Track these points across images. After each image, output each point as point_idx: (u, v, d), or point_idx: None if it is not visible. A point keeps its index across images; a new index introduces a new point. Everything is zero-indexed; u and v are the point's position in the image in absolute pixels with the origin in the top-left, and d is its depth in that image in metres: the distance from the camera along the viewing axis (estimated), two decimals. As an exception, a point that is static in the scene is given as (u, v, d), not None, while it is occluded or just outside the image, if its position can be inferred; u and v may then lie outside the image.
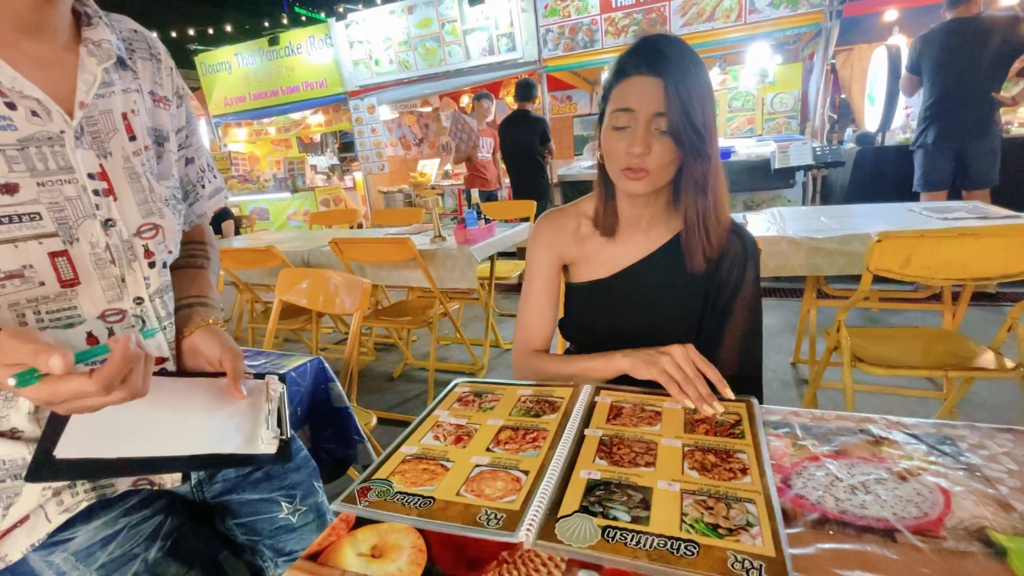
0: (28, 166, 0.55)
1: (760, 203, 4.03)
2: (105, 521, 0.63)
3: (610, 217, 0.90)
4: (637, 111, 0.76)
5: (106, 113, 0.62)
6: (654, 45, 0.76)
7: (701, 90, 0.75)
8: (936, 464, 0.54)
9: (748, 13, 3.95)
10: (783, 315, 2.99)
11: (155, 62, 0.71)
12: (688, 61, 0.75)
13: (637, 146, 0.76)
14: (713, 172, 0.80)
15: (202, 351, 0.70)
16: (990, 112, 2.71)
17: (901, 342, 1.59)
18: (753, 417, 0.67)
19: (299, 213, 6.17)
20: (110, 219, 0.61)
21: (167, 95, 0.72)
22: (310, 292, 1.45)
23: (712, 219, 0.82)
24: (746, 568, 0.43)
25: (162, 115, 0.71)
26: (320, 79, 5.59)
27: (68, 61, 0.59)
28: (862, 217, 1.96)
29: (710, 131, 0.76)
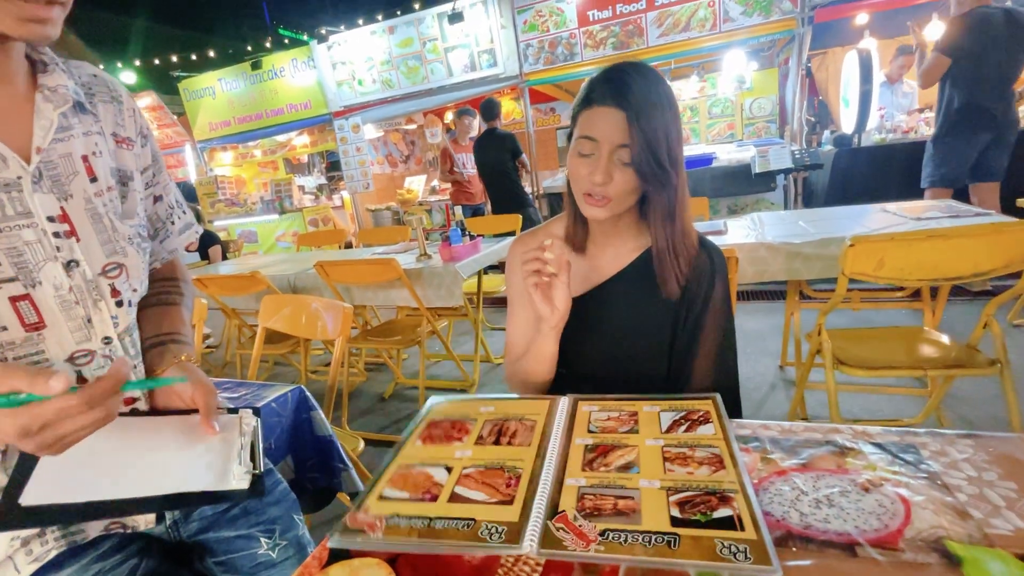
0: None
1: (743, 207, 4.09)
2: (76, 569, 0.63)
3: (580, 233, 0.91)
4: (600, 141, 0.77)
5: (66, 156, 0.63)
6: (621, 76, 0.76)
7: (666, 122, 0.75)
8: (898, 474, 0.55)
9: (723, 22, 4.04)
10: (769, 318, 3.01)
11: (116, 104, 0.72)
12: (654, 93, 0.76)
13: (598, 175, 0.77)
14: (680, 201, 0.81)
15: (174, 389, 0.70)
16: (1014, 104, 2.73)
17: (882, 342, 1.61)
18: (720, 412, 0.70)
19: (288, 234, 6.17)
20: (73, 260, 0.62)
21: (130, 136, 0.73)
22: (292, 318, 1.45)
23: (681, 245, 0.83)
24: (732, 552, 0.46)
25: (125, 155, 0.72)
26: (304, 101, 5.62)
27: (25, 108, 0.60)
28: (838, 220, 1.99)
29: (675, 161, 0.77)
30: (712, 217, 3.60)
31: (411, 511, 0.58)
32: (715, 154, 4.24)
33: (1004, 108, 2.70)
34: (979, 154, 2.77)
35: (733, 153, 4.25)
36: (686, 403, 0.74)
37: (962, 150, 2.79)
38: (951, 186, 2.86)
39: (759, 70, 5.14)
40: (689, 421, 0.69)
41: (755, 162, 3.62)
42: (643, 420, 0.71)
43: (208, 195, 6.40)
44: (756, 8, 3.92)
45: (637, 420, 0.71)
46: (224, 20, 13.04)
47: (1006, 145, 2.75)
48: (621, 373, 0.92)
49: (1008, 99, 2.72)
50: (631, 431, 0.69)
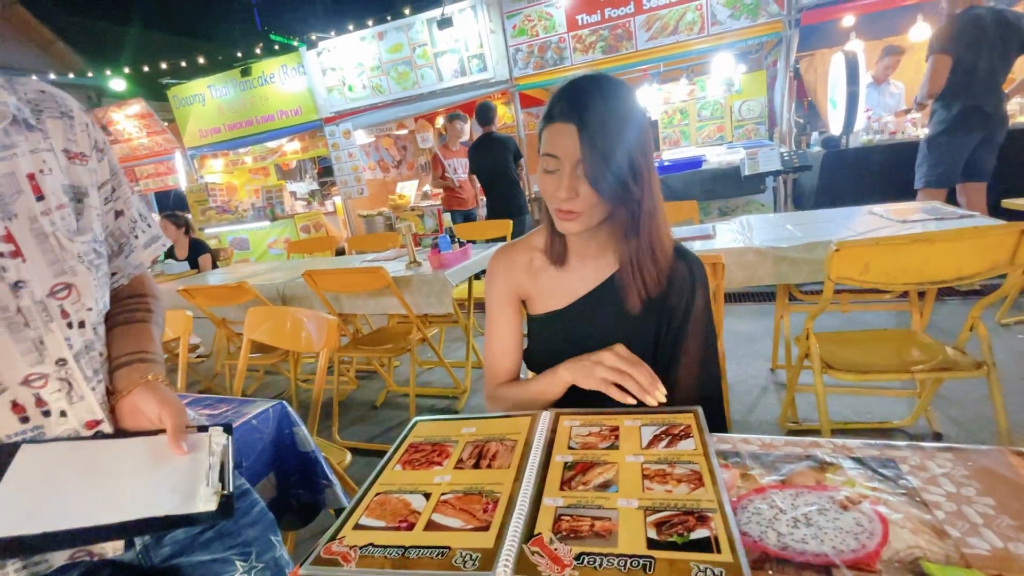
0: None
1: (734, 209, 4.10)
2: None
3: (559, 247, 0.91)
4: (561, 158, 0.76)
5: (8, 176, 0.62)
6: (576, 92, 0.76)
7: (624, 136, 0.74)
8: (877, 490, 0.54)
9: (711, 25, 4.06)
10: (760, 321, 3.02)
11: (67, 120, 0.70)
12: (612, 107, 0.74)
13: (563, 191, 0.77)
14: (646, 213, 0.80)
15: (141, 409, 0.69)
16: (1004, 103, 2.76)
17: (870, 345, 1.61)
18: (701, 427, 0.69)
19: (279, 241, 6.13)
20: (20, 280, 0.60)
21: (83, 151, 0.71)
22: (275, 331, 1.43)
23: (647, 261, 0.82)
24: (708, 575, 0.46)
25: (79, 171, 0.70)
26: (295, 107, 5.61)
27: None
28: (826, 223, 2.00)
29: (638, 175, 0.76)
30: (703, 219, 3.61)
31: (386, 540, 0.56)
32: (705, 157, 4.26)
33: (995, 107, 2.73)
34: (969, 154, 2.79)
35: (723, 155, 4.26)
36: (667, 416, 0.73)
37: (957, 149, 2.80)
38: (945, 186, 2.88)
39: (747, 72, 5.17)
40: (670, 436, 0.68)
41: (745, 164, 3.64)
42: (624, 435, 0.70)
43: (199, 202, 6.36)
44: (743, 11, 3.94)
45: (618, 435, 0.70)
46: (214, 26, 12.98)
47: (995, 145, 2.78)
48: None
49: (999, 98, 2.74)
50: (611, 447, 0.68)
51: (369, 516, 0.61)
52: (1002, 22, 2.65)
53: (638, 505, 0.56)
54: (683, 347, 0.87)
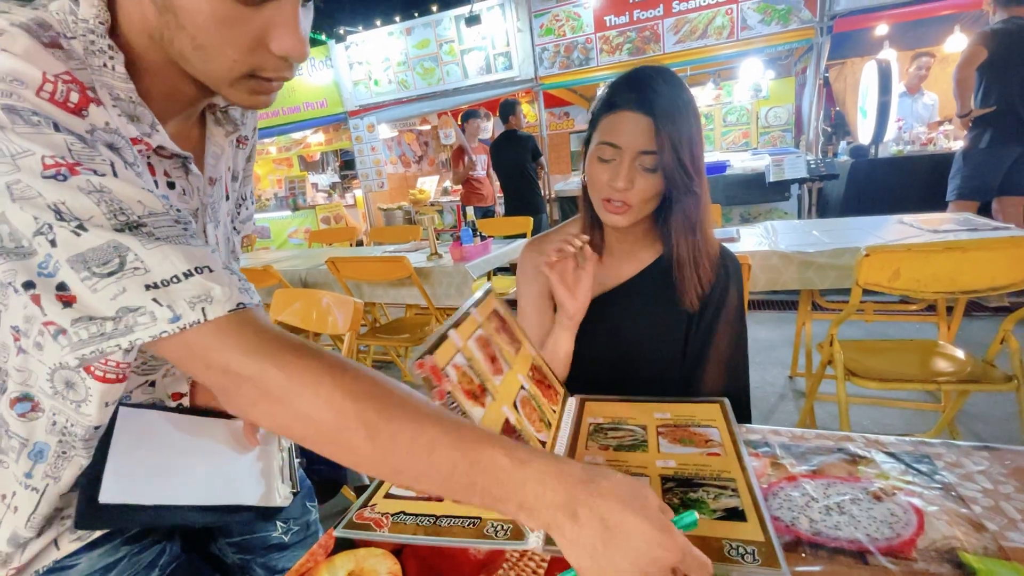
0: None
1: (756, 216, 4.06)
2: (107, 549, 0.63)
3: (596, 238, 0.91)
4: (623, 148, 0.76)
5: (218, 181, 0.59)
6: (646, 81, 0.75)
7: (691, 129, 0.75)
8: (912, 483, 0.54)
9: (740, 30, 4.02)
10: (780, 328, 2.98)
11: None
12: (679, 99, 0.75)
13: (620, 181, 0.76)
14: (703, 208, 0.80)
15: None
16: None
17: (895, 355, 1.59)
18: (728, 416, 0.69)
19: (300, 231, 6.22)
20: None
21: (247, 134, 0.66)
22: (303, 312, 1.46)
23: (703, 255, 0.82)
24: (741, 553, 0.46)
25: (240, 156, 0.67)
26: (321, 99, 5.68)
27: (195, 129, 0.57)
28: (854, 230, 1.97)
29: (699, 168, 0.77)
30: (725, 225, 3.58)
31: (417, 509, 0.58)
32: (729, 162, 4.22)
33: None
34: (1007, 167, 2.73)
35: (748, 161, 4.22)
36: (694, 407, 0.74)
37: (993, 163, 2.75)
38: (979, 199, 2.82)
39: (776, 79, 5.11)
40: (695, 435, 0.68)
41: (770, 171, 3.60)
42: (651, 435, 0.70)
43: (223, 190, 6.47)
44: (774, 17, 3.90)
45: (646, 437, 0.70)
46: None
47: None
48: (631, 377, 0.91)
49: None
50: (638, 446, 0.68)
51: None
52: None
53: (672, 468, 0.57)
54: (713, 343, 0.87)
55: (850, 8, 3.68)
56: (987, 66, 2.66)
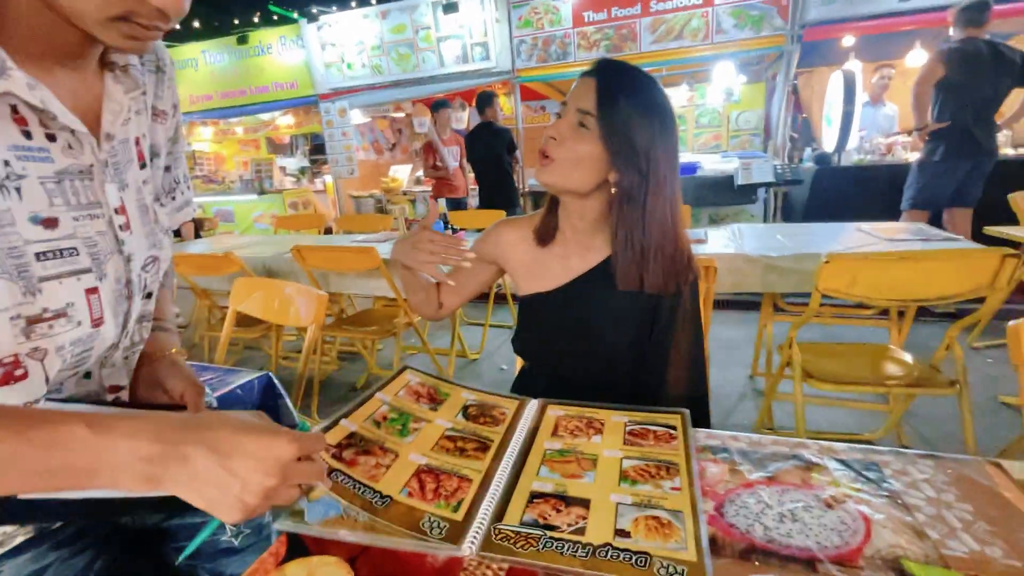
0: (64, 200, 0.51)
1: (724, 217, 4.15)
2: (34, 554, 0.59)
3: (547, 225, 0.92)
4: (568, 104, 0.80)
5: (124, 143, 0.58)
6: (613, 61, 0.80)
7: (643, 106, 0.77)
8: (861, 491, 0.56)
9: (715, 33, 4.08)
10: (743, 329, 3.06)
11: (159, 74, 0.65)
12: (640, 81, 0.78)
13: (551, 129, 0.80)
14: (652, 206, 0.79)
15: (164, 384, 0.67)
16: (995, 133, 2.83)
17: (849, 358, 1.65)
18: (687, 429, 0.70)
19: (266, 216, 6.03)
20: (131, 254, 0.58)
21: (165, 108, 0.67)
22: (264, 303, 1.41)
23: (654, 252, 0.81)
24: (670, 573, 0.46)
25: (158, 130, 0.66)
26: (291, 80, 5.49)
27: (94, 87, 0.55)
28: (815, 236, 2.03)
29: (647, 154, 0.77)
30: (694, 226, 3.65)
31: (360, 476, 0.58)
32: (700, 164, 4.30)
33: (986, 136, 2.81)
34: (958, 180, 2.87)
35: (718, 164, 4.31)
36: (654, 416, 0.74)
37: (946, 175, 2.88)
38: (931, 209, 2.97)
39: (747, 83, 5.22)
40: (655, 436, 0.69)
41: (738, 174, 3.68)
42: (608, 429, 0.71)
43: (184, 170, 6.21)
44: (748, 22, 3.97)
45: (602, 429, 0.71)
46: (211, -10, 12.59)
47: (983, 173, 2.86)
48: (588, 370, 0.92)
49: (990, 128, 2.82)
50: (593, 438, 0.69)
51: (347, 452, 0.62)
52: (997, 54, 2.72)
53: (608, 495, 0.57)
54: (673, 344, 0.87)
55: (820, 18, 3.79)
56: (944, 83, 2.79)
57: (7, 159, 0.46)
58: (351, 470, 0.58)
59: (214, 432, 0.44)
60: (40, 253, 0.49)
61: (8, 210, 0.46)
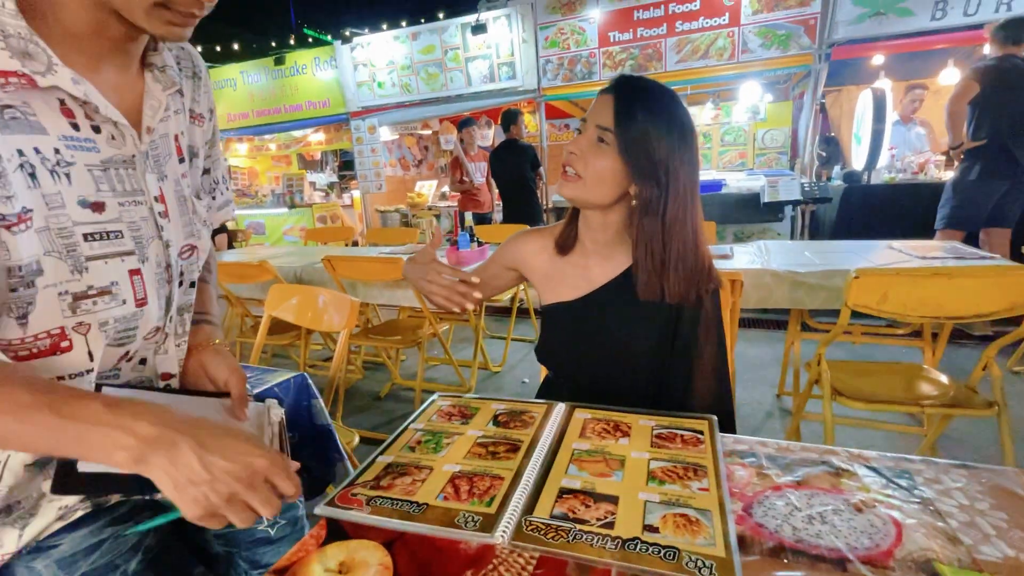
0: (111, 186, 0.56)
1: (750, 235, 4.11)
2: (92, 530, 0.63)
3: (568, 235, 0.94)
4: (588, 120, 0.82)
5: (164, 137, 0.64)
6: (630, 77, 0.82)
7: (659, 128, 0.78)
8: (891, 497, 0.56)
9: (741, 52, 4.10)
10: (770, 347, 3.01)
11: (195, 80, 0.71)
12: (656, 95, 0.80)
13: (572, 145, 0.82)
14: (671, 219, 0.81)
15: (209, 372, 0.72)
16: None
17: (881, 377, 1.61)
18: (713, 433, 0.70)
19: (295, 228, 6.21)
20: (169, 240, 0.63)
21: (203, 111, 0.73)
22: (299, 309, 1.46)
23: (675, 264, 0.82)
24: (698, 567, 0.47)
25: (196, 132, 0.72)
26: (323, 99, 5.69)
27: (136, 86, 0.60)
28: (844, 253, 2.01)
29: (664, 165, 0.79)
30: (719, 242, 3.63)
31: (396, 495, 0.60)
32: (725, 181, 4.28)
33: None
34: (995, 201, 2.80)
35: (743, 181, 4.29)
36: (681, 421, 0.75)
37: (982, 195, 2.81)
38: (966, 229, 2.88)
39: (774, 102, 5.21)
40: (682, 440, 0.70)
41: (764, 192, 3.65)
42: (635, 432, 0.72)
43: (220, 184, 6.46)
44: (775, 41, 3.98)
45: (629, 432, 0.72)
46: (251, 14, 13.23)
47: (1022, 192, 2.78)
48: (611, 378, 0.93)
49: None
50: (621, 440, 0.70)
51: (384, 475, 0.64)
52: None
53: (637, 493, 0.58)
54: (697, 354, 0.88)
55: (848, 37, 3.77)
56: (979, 101, 2.74)
57: (57, 147, 0.52)
58: (388, 492, 0.60)
59: (205, 430, 0.49)
60: (88, 234, 0.54)
61: (58, 193, 0.52)
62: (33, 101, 0.51)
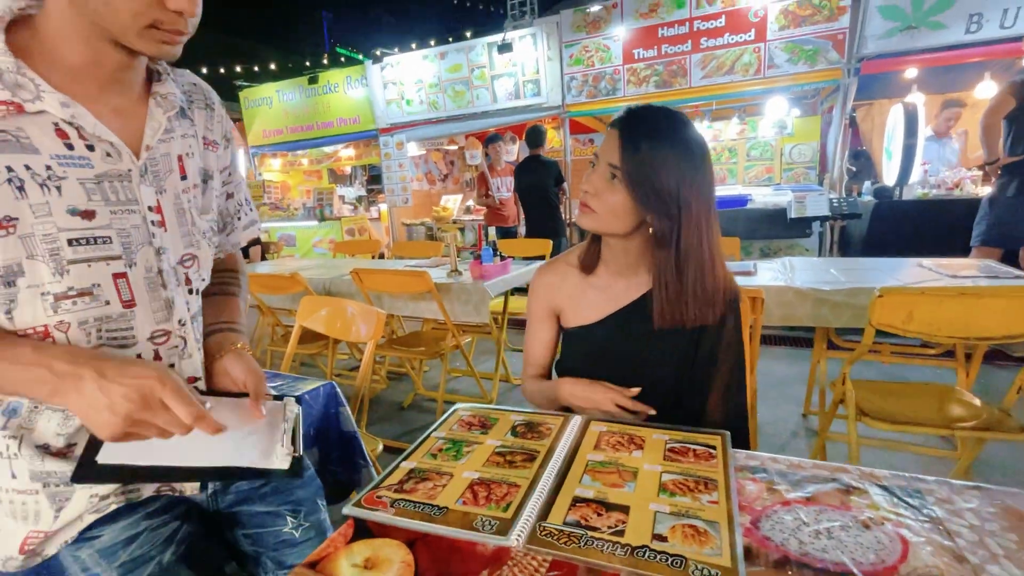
0: (103, 196, 0.64)
1: (777, 251, 4.06)
2: (129, 523, 0.69)
3: (591, 256, 0.97)
4: (600, 157, 0.85)
5: (165, 156, 0.71)
6: (637, 109, 0.84)
7: (666, 157, 0.80)
8: (901, 515, 0.57)
9: (767, 68, 4.08)
10: (795, 365, 2.96)
11: (209, 111, 0.80)
12: (664, 130, 0.81)
13: (585, 183, 0.86)
14: (686, 246, 0.83)
15: (230, 373, 0.77)
16: None
17: (909, 398, 1.58)
18: (726, 449, 0.72)
19: (324, 241, 6.39)
20: (162, 247, 0.70)
21: (216, 139, 0.81)
22: (328, 319, 1.53)
23: (693, 291, 0.84)
24: (704, 575, 0.49)
25: (210, 156, 0.80)
26: (354, 116, 5.89)
27: (139, 111, 0.68)
28: (872, 271, 1.98)
29: (676, 196, 0.80)
30: (743, 258, 3.59)
31: (418, 498, 0.63)
32: (751, 196, 4.25)
33: None
34: None
35: (769, 196, 4.24)
36: (694, 436, 0.76)
37: (1020, 211, 2.72)
38: (1003, 247, 2.79)
39: (801, 116, 5.15)
40: (694, 454, 0.72)
41: (791, 207, 3.61)
42: (649, 446, 0.74)
43: (255, 198, 6.71)
44: (802, 57, 3.96)
45: (643, 445, 0.74)
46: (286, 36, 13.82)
47: None
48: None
49: None
50: (634, 453, 0.72)
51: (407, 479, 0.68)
52: None
53: (647, 503, 0.60)
54: (713, 374, 0.90)
55: (879, 51, 3.72)
56: (1016, 115, 2.67)
57: (49, 164, 0.60)
58: (411, 496, 0.64)
59: (107, 362, 0.58)
60: (73, 239, 0.61)
61: (46, 203, 0.59)
62: (27, 126, 0.58)
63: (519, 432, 0.80)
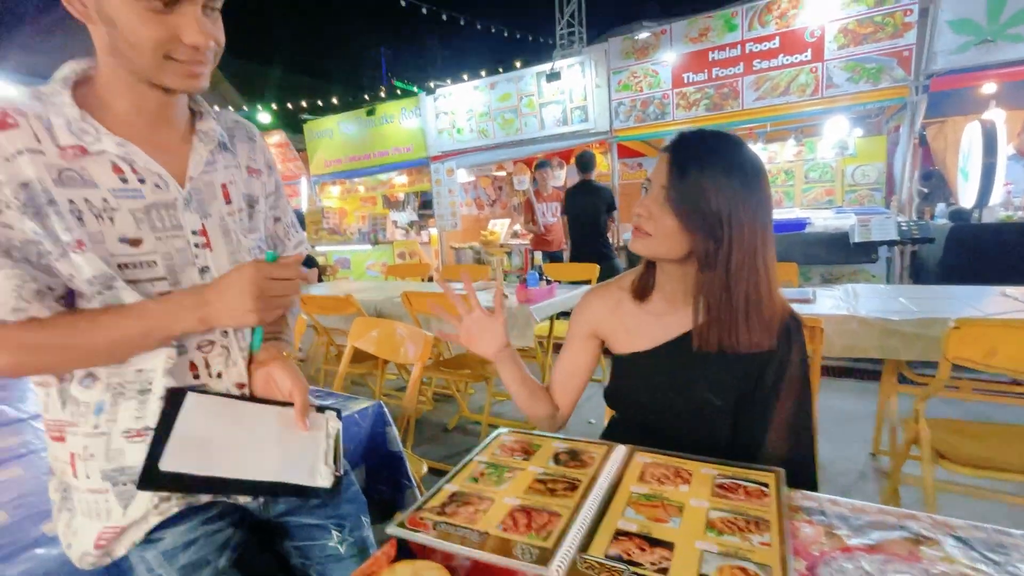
0: (150, 225, 0.72)
1: (839, 277, 3.84)
2: (188, 527, 0.74)
3: (645, 282, 0.95)
4: (652, 181, 0.85)
5: (209, 184, 0.79)
6: (689, 133, 0.85)
7: (718, 171, 0.79)
8: (980, 571, 0.52)
9: (825, 88, 3.95)
10: (861, 399, 2.76)
11: (251, 143, 0.89)
12: (715, 152, 0.81)
13: (639, 207, 0.86)
14: (736, 267, 0.81)
15: (275, 381, 0.82)
16: None
17: (994, 439, 1.44)
18: (780, 487, 0.68)
19: (377, 264, 6.64)
20: (206, 266, 0.77)
21: (259, 167, 0.89)
22: (379, 340, 1.58)
23: (738, 318, 0.82)
24: None
25: (254, 183, 0.88)
26: (407, 145, 6.16)
27: (184, 147, 0.77)
28: (947, 300, 1.84)
29: (728, 219, 0.79)
30: (802, 284, 3.42)
31: (460, 522, 0.64)
32: (810, 219, 4.06)
33: None
34: None
35: (830, 220, 4.04)
36: (747, 472, 0.73)
37: None
38: None
39: (864, 136, 4.92)
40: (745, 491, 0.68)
41: (855, 231, 3.43)
42: (696, 480, 0.71)
43: (314, 223, 7.10)
44: (864, 75, 3.80)
45: (689, 479, 0.72)
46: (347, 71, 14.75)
47: None
48: (683, 427, 0.91)
49: None
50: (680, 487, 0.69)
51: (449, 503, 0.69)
52: None
53: (694, 541, 0.58)
54: (775, 409, 0.85)
55: (949, 67, 3.52)
56: None
57: (105, 197, 0.68)
58: (453, 519, 0.65)
59: (215, 284, 0.72)
60: (122, 264, 0.69)
61: (100, 232, 0.68)
62: (88, 165, 0.67)
63: (561, 460, 0.79)
